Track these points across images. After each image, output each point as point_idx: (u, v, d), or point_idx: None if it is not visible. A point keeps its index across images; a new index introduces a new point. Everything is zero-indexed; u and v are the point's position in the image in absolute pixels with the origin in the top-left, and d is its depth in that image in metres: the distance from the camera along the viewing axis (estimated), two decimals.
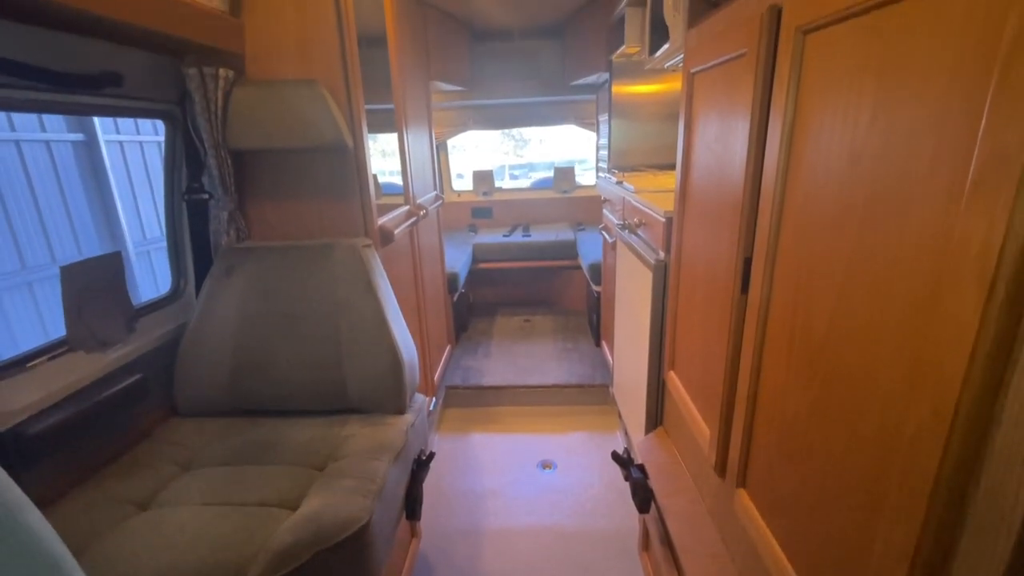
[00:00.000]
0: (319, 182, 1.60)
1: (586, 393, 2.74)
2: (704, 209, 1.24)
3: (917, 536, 0.54)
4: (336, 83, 1.49)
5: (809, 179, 0.77)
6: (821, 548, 0.74)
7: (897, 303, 0.58)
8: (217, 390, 1.50)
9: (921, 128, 0.54)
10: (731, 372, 1.06)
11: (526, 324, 3.75)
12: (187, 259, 1.62)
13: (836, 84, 0.70)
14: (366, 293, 1.48)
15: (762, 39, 0.88)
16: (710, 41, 1.17)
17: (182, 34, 1.23)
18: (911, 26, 0.56)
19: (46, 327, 4.81)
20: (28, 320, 4.69)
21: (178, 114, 1.46)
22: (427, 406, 1.93)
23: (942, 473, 0.51)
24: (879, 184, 0.61)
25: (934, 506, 0.52)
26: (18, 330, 4.58)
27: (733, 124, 1.02)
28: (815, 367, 0.76)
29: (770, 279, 0.90)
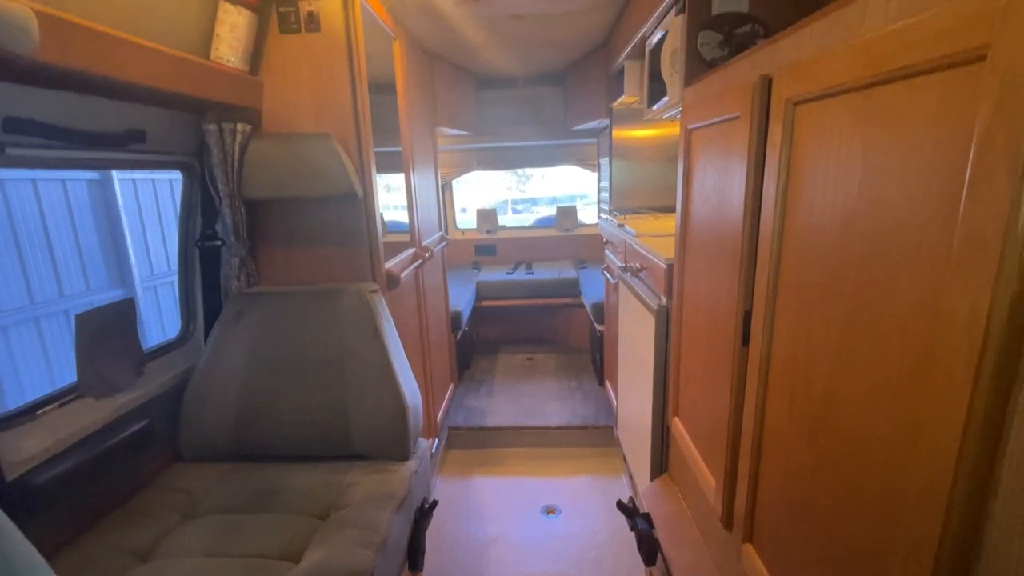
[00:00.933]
0: (329, 229, 1.65)
1: (590, 435, 2.71)
2: (704, 258, 1.27)
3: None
4: (348, 136, 1.56)
5: (804, 238, 0.80)
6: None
7: (892, 368, 0.60)
8: (221, 435, 1.50)
9: (906, 202, 0.57)
10: (734, 424, 1.06)
11: (529, 362, 3.75)
12: (197, 304, 1.65)
13: (826, 153, 0.74)
14: (372, 339, 1.50)
15: (755, 105, 0.93)
16: (706, 101, 1.23)
17: (206, 95, 1.30)
18: (891, 109, 0.60)
19: (50, 363, 4.82)
20: (33, 355, 4.70)
21: (196, 165, 1.52)
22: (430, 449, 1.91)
23: (944, 543, 0.52)
24: (870, 250, 0.64)
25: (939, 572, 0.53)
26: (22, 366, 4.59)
27: (729, 181, 1.07)
28: (817, 425, 0.77)
29: (770, 333, 0.92)
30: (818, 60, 0.74)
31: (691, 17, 1.40)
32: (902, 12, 0.59)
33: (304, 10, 1.47)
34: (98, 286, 5.36)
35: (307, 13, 1.48)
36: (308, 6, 1.47)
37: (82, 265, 5.21)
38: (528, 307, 3.79)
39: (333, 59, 1.51)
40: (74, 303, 5.08)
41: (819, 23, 0.77)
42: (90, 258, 5.30)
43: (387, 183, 2.35)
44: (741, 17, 1.37)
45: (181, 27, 1.31)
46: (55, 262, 4.94)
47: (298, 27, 1.48)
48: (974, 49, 0.47)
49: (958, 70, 0.49)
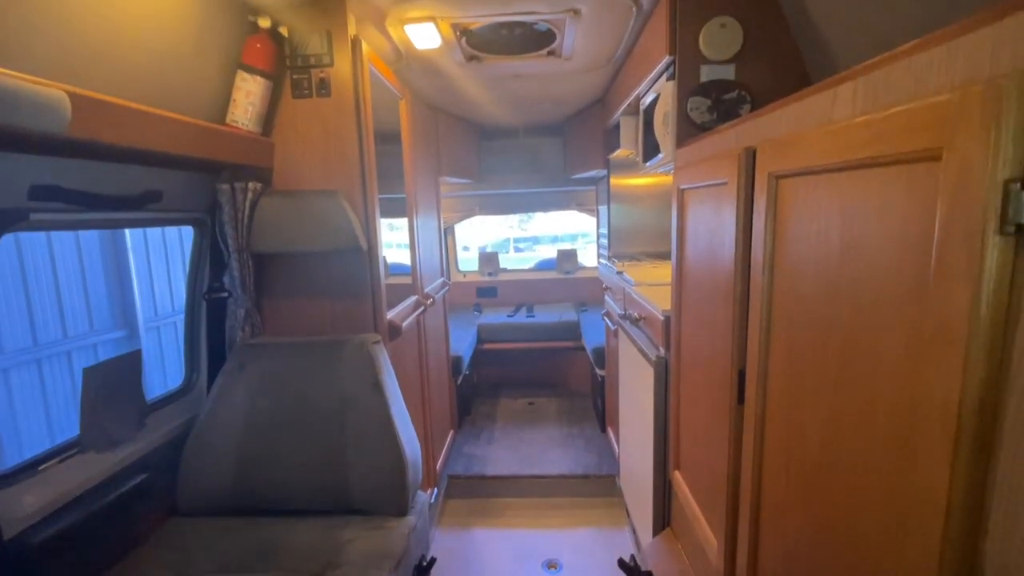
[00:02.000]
0: (333, 281, 1.69)
1: (592, 484, 2.67)
2: (699, 313, 1.30)
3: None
4: (354, 191, 1.62)
5: (792, 303, 0.83)
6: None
7: (878, 444, 0.61)
8: (220, 488, 1.49)
9: (881, 278, 0.61)
10: (733, 483, 1.06)
11: (530, 407, 3.72)
12: (201, 354, 1.68)
13: (807, 226, 0.77)
14: (373, 391, 1.51)
15: (741, 175, 0.98)
16: (697, 164, 1.29)
17: (221, 158, 1.37)
18: (862, 192, 0.64)
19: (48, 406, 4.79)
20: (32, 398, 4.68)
21: (207, 221, 1.58)
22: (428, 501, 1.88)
23: None
24: (852, 322, 0.67)
25: None
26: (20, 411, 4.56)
27: (720, 242, 1.11)
28: (812, 491, 0.77)
29: (763, 394, 0.94)
30: (796, 139, 0.79)
31: (681, 83, 1.49)
32: (867, 107, 0.64)
33: (316, 77, 1.57)
34: (102, 327, 5.39)
35: (319, 79, 1.57)
36: (320, 73, 1.57)
37: (87, 307, 5.26)
38: (529, 350, 3.80)
39: (342, 120, 1.59)
40: (77, 344, 5.10)
41: (796, 105, 0.83)
42: (95, 299, 5.35)
43: (390, 222, 2.42)
44: (728, 84, 1.46)
45: (200, 95, 1.39)
46: (61, 304, 4.99)
47: (310, 92, 1.57)
48: (930, 149, 0.51)
49: (918, 165, 0.54)
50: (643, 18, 1.74)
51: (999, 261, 0.44)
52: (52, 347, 4.89)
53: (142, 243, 5.92)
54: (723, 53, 1.44)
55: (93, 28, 1.01)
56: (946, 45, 0.51)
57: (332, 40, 1.54)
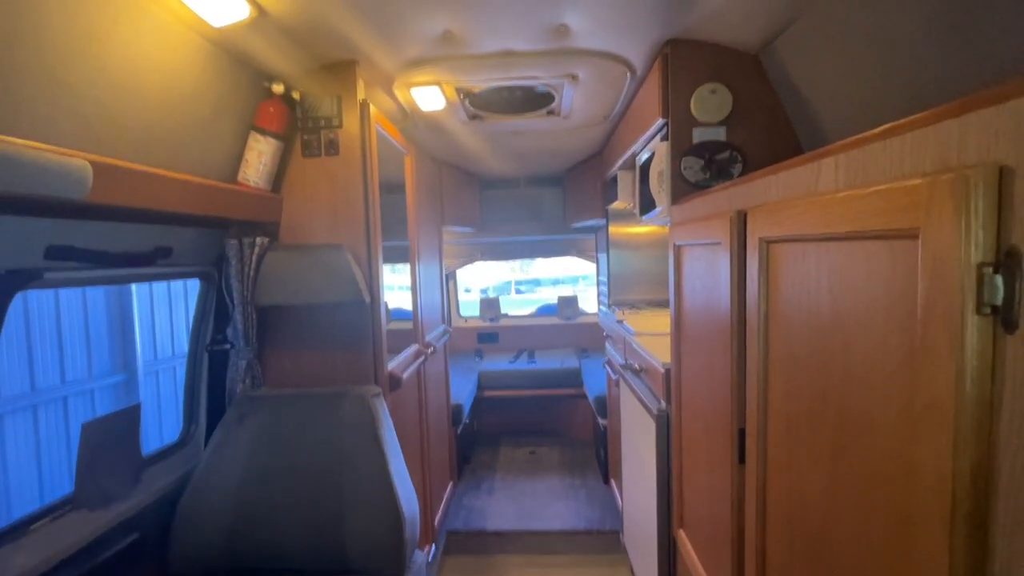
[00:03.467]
0: (335, 332, 1.70)
1: (596, 540, 2.58)
2: (698, 367, 1.30)
3: None
4: (359, 246, 1.66)
5: (788, 365, 0.84)
6: None
7: (877, 517, 0.61)
8: (213, 547, 1.45)
9: (871, 350, 0.62)
10: (737, 546, 1.04)
11: (531, 456, 3.64)
12: (201, 406, 1.67)
13: (799, 291, 0.80)
14: (372, 445, 1.50)
15: (733, 236, 1.01)
16: (692, 223, 1.33)
17: (231, 215, 1.41)
18: (848, 262, 0.66)
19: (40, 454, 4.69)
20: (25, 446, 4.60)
21: (214, 275, 1.61)
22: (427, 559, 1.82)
23: None
24: (846, 392, 0.67)
25: None
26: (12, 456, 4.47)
27: (715, 298, 1.13)
28: (816, 565, 0.76)
29: (764, 455, 0.93)
30: (785, 205, 0.82)
31: (674, 144, 1.55)
32: (848, 181, 0.67)
33: (326, 137, 1.64)
34: (100, 371, 5.36)
35: (328, 140, 1.64)
36: (329, 134, 1.64)
37: (88, 351, 5.24)
38: (531, 397, 3.76)
39: (349, 177, 1.65)
40: (74, 390, 5.06)
41: (784, 173, 0.87)
42: (96, 341, 5.34)
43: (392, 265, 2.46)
44: (719, 145, 1.52)
45: (214, 156, 1.45)
46: (62, 350, 4.98)
47: (319, 152, 1.64)
48: (907, 229, 0.54)
49: (899, 241, 0.56)
50: (637, 82, 1.83)
51: (979, 340, 0.46)
52: (49, 393, 4.85)
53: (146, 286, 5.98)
54: (714, 116, 1.51)
55: (115, 98, 1.07)
56: (916, 132, 0.55)
57: (342, 103, 1.62)
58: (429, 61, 1.62)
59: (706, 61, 1.50)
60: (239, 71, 1.44)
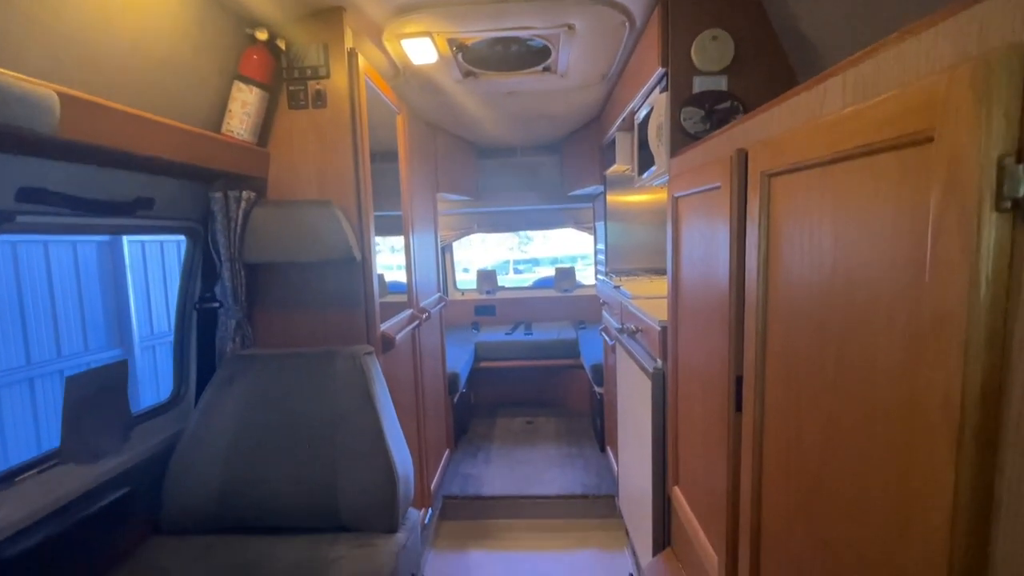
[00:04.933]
0: (326, 292, 1.67)
1: (592, 505, 2.60)
2: (695, 322, 1.28)
3: None
4: (349, 202, 1.62)
5: (787, 306, 0.81)
6: None
7: (879, 444, 0.59)
8: (205, 505, 1.44)
9: (876, 274, 0.59)
10: (733, 496, 1.02)
11: (528, 426, 3.65)
12: (191, 366, 1.65)
13: (800, 224, 0.76)
14: (364, 404, 1.48)
15: (733, 177, 0.97)
16: (690, 172, 1.29)
17: (215, 166, 1.36)
18: (854, 184, 0.62)
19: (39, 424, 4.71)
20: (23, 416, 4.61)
21: (200, 231, 1.57)
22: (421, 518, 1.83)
23: None
24: (847, 322, 0.65)
25: None
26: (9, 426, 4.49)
27: (714, 247, 1.09)
28: (813, 500, 0.74)
29: (762, 401, 0.91)
30: (787, 137, 0.78)
31: (674, 95, 1.50)
32: (856, 98, 0.63)
33: (312, 89, 1.58)
34: (96, 346, 5.34)
35: (315, 91, 1.58)
36: (316, 85, 1.58)
37: (83, 326, 5.23)
38: (527, 368, 3.75)
39: (337, 132, 1.60)
40: (70, 363, 5.05)
41: (786, 104, 0.82)
42: (92, 317, 5.32)
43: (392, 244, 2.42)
44: (720, 95, 1.47)
45: (195, 104, 1.40)
46: (56, 323, 4.96)
47: (306, 104, 1.58)
48: (921, 132, 0.50)
49: (910, 150, 0.53)
50: (636, 34, 1.77)
51: (997, 238, 0.42)
52: (45, 366, 4.85)
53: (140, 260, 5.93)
54: (715, 64, 1.45)
55: (87, 34, 1.02)
56: (933, 29, 0.51)
57: (329, 52, 1.56)
58: (419, 7, 1.55)
59: (708, 5, 1.44)
60: (220, 14, 1.37)
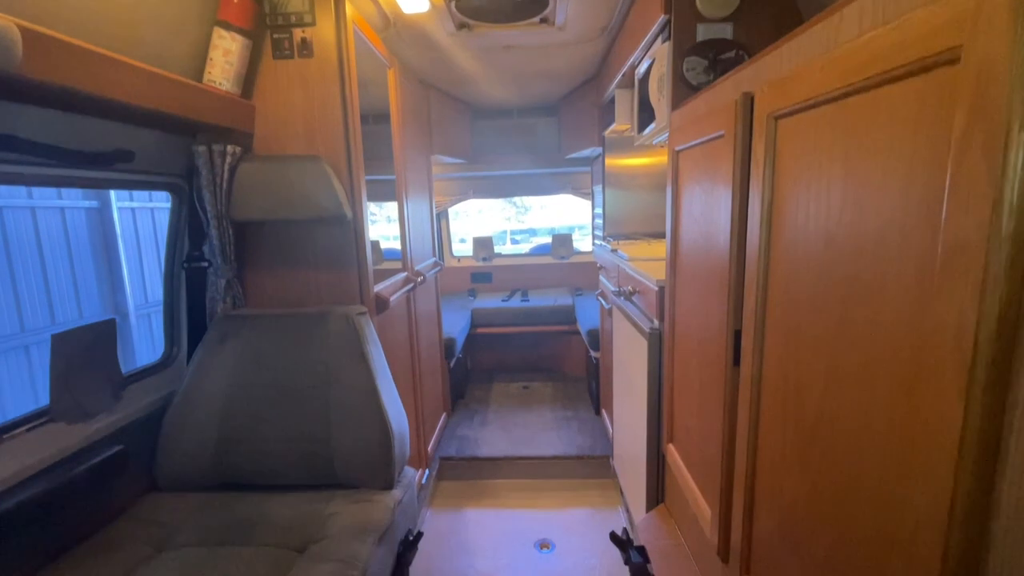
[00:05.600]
0: (317, 251, 1.64)
1: (586, 465, 2.64)
2: (694, 279, 1.25)
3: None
4: (338, 158, 1.56)
5: (790, 256, 0.79)
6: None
7: (882, 386, 0.57)
8: (200, 463, 1.45)
9: (888, 211, 0.56)
10: (728, 448, 1.02)
11: (524, 391, 3.68)
12: (182, 326, 1.62)
13: (808, 167, 0.73)
14: (358, 363, 1.47)
15: (738, 122, 0.93)
16: (692, 123, 1.24)
17: (197, 118, 1.30)
18: (869, 118, 0.59)
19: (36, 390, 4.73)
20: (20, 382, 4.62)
21: (184, 187, 1.52)
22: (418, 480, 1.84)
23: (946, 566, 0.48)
24: (853, 267, 0.62)
25: None
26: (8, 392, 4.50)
27: (716, 200, 1.06)
28: (810, 449, 0.73)
29: (760, 353, 0.90)
30: (797, 74, 0.74)
31: (677, 44, 1.43)
32: (875, 22, 0.59)
33: (297, 36, 1.50)
34: (91, 314, 5.31)
35: (300, 39, 1.50)
36: (301, 33, 1.50)
37: (76, 293, 5.18)
38: (524, 334, 3.76)
39: (325, 84, 1.53)
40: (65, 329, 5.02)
41: (797, 39, 0.78)
42: (84, 285, 5.28)
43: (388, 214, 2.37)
44: (725, 43, 1.40)
45: (174, 50, 1.33)
46: (49, 290, 4.92)
47: (291, 53, 1.51)
48: (947, 51, 0.46)
49: (933, 73, 0.49)
50: None
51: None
52: (40, 332, 4.83)
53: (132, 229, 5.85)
54: (720, 10, 1.38)
55: None
56: None
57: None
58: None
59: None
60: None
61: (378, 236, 1.88)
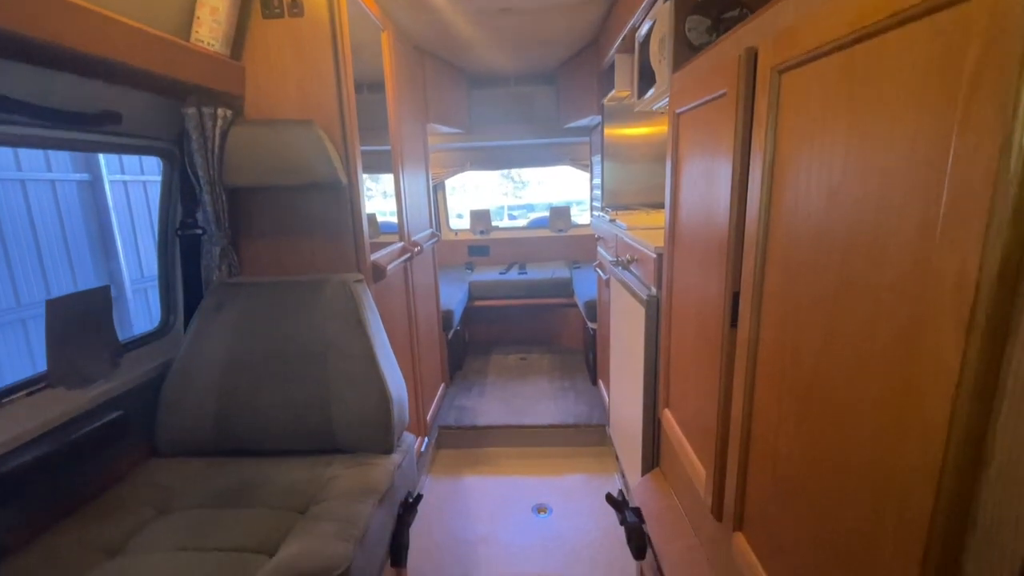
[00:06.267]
0: (313, 219, 1.62)
1: (582, 433, 2.68)
2: (693, 245, 1.25)
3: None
4: (332, 122, 1.53)
5: (791, 215, 0.78)
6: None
7: (881, 339, 0.57)
8: (200, 430, 1.46)
9: (892, 165, 0.55)
10: (724, 410, 1.03)
11: (522, 362, 3.71)
12: (178, 294, 1.62)
13: (811, 122, 0.71)
14: (356, 329, 1.47)
15: (740, 79, 0.91)
16: (693, 83, 1.21)
17: (185, 78, 1.27)
18: (876, 65, 0.57)
19: (36, 364, 4.75)
20: (18, 356, 4.63)
21: (175, 152, 1.49)
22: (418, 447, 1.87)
23: (937, 514, 0.49)
24: (856, 221, 0.61)
25: (931, 551, 0.50)
26: (7, 366, 4.52)
27: (717, 161, 1.04)
28: (806, 405, 0.74)
29: (758, 313, 0.90)
30: (803, 23, 0.72)
31: (679, 3, 1.39)
32: None
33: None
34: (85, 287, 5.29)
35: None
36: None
37: (71, 267, 5.15)
38: (521, 307, 3.76)
39: (317, 45, 1.49)
40: None
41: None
42: (79, 260, 5.24)
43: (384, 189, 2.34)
44: (729, 1, 1.36)
45: (160, 8, 1.28)
46: (43, 264, 4.88)
47: (281, 12, 1.46)
48: None
49: (945, 12, 0.47)
50: None
51: None
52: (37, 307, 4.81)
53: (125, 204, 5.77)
54: None
55: None
56: None
57: None
58: None
59: None
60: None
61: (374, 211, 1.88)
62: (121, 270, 5.55)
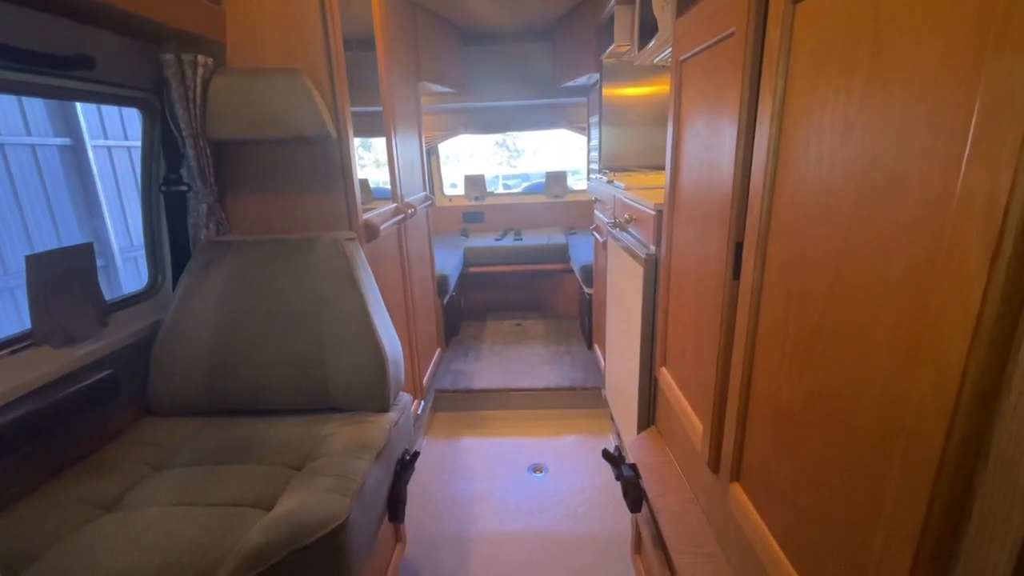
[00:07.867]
0: (302, 175, 1.56)
1: (578, 396, 2.70)
2: (695, 200, 1.21)
3: (922, 521, 0.50)
4: (320, 73, 1.46)
5: (801, 156, 0.75)
6: (820, 541, 0.70)
7: (895, 274, 0.55)
8: (193, 389, 1.44)
9: (917, 88, 0.52)
10: (723, 362, 1.02)
11: (517, 328, 3.71)
12: (164, 253, 1.57)
13: (828, 54, 0.67)
14: (349, 288, 1.44)
15: (751, 14, 0.86)
16: (698, 26, 1.15)
17: (161, 19, 1.19)
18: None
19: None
20: (8, 326, 4.59)
21: (155, 103, 1.42)
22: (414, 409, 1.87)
23: (947, 450, 0.48)
24: (874, 153, 0.58)
25: (940, 487, 0.49)
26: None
27: (722, 109, 1.00)
28: (810, 353, 0.72)
29: (762, 262, 0.87)
30: None
31: None
32: None
33: None
34: None
35: None
36: None
37: (57, 234, 5.05)
38: (517, 273, 3.74)
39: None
40: None
41: None
42: (65, 228, 5.13)
43: (376, 158, 2.28)
44: None
45: None
46: (28, 232, 4.78)
47: None
48: None
49: None
50: None
51: None
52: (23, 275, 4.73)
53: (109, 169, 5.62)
54: None
55: None
56: None
57: None
58: None
59: None
60: None
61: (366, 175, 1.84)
62: (106, 227, 5.44)
